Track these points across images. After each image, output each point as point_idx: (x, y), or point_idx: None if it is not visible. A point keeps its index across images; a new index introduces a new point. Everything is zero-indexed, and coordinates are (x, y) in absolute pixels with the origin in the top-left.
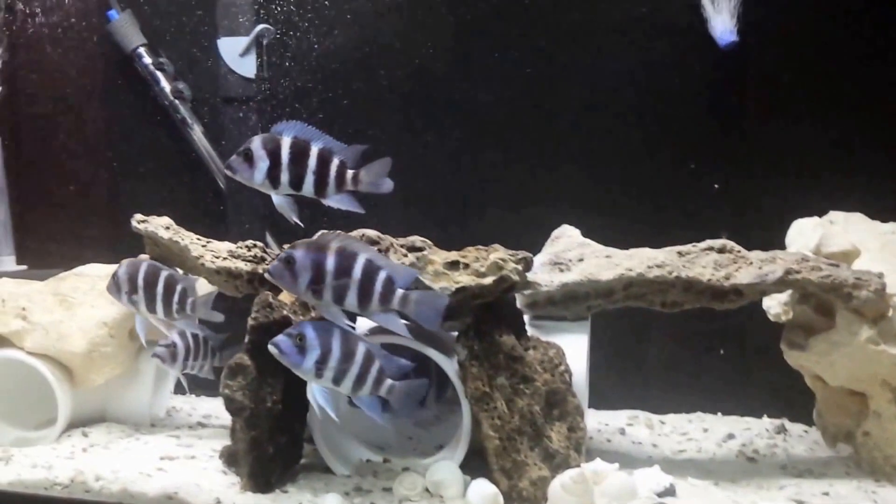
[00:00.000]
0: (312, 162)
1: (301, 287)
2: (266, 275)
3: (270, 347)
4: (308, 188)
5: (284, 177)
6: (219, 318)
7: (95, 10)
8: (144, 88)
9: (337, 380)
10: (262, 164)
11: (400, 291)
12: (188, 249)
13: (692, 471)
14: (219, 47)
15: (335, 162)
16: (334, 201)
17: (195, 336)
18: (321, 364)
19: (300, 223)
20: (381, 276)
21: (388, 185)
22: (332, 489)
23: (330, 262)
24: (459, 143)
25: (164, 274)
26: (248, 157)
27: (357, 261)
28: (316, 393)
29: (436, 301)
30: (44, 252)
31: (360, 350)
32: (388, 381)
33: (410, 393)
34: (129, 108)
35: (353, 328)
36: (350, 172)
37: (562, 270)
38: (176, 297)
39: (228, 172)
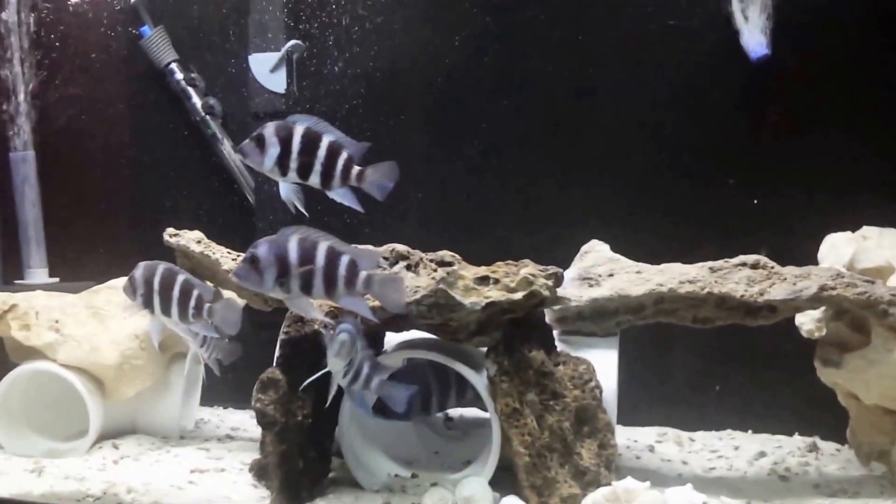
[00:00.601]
0: (321, 153)
1: (268, 284)
2: (233, 277)
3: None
4: (315, 179)
5: (293, 165)
6: (234, 329)
7: (128, 26)
8: (176, 104)
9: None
10: (273, 150)
11: (364, 273)
12: (219, 263)
13: (724, 489)
14: (250, 63)
15: (343, 156)
16: (337, 195)
17: None
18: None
19: (305, 213)
20: (344, 260)
21: (388, 189)
22: None
23: (293, 254)
24: (490, 158)
25: (180, 278)
26: (260, 143)
27: (319, 249)
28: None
29: (398, 282)
30: (76, 265)
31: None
32: (377, 379)
33: (394, 391)
34: (160, 123)
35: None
36: (356, 169)
37: (591, 286)
38: (192, 302)
39: (240, 156)
